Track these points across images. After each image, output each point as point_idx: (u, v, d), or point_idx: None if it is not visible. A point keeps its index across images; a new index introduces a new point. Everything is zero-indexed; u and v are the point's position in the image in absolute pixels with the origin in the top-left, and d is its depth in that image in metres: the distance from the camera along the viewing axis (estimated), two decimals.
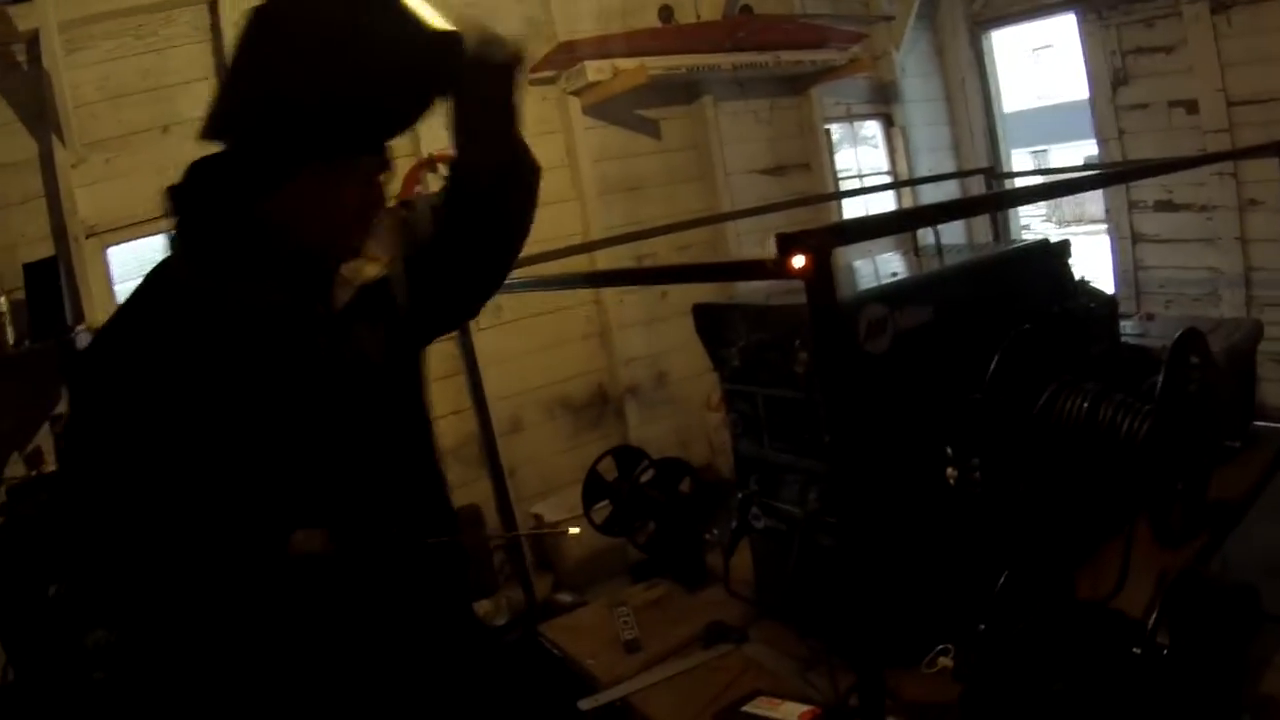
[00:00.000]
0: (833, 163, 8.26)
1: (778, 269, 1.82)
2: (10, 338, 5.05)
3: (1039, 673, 2.57)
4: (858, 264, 3.79)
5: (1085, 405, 2.55)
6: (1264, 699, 3.70)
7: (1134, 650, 2.43)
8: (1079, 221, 16.70)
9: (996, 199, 6.64)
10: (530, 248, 2.50)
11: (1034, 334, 2.73)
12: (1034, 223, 14.43)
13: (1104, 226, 7.81)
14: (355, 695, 2.26)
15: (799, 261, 1.77)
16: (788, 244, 1.78)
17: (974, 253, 4.14)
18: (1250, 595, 3.07)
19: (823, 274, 1.79)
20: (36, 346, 5.03)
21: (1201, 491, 2.98)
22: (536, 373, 6.62)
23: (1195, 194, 7.09)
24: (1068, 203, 17.62)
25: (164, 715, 2.18)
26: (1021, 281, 3.50)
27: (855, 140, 8.89)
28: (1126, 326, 4.23)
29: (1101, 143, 7.46)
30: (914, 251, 3.81)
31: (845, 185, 8.35)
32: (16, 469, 5.55)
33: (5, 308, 5.05)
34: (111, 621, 1.98)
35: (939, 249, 3.71)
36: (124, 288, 5.75)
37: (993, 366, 2.55)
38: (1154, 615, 2.41)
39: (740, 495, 3.49)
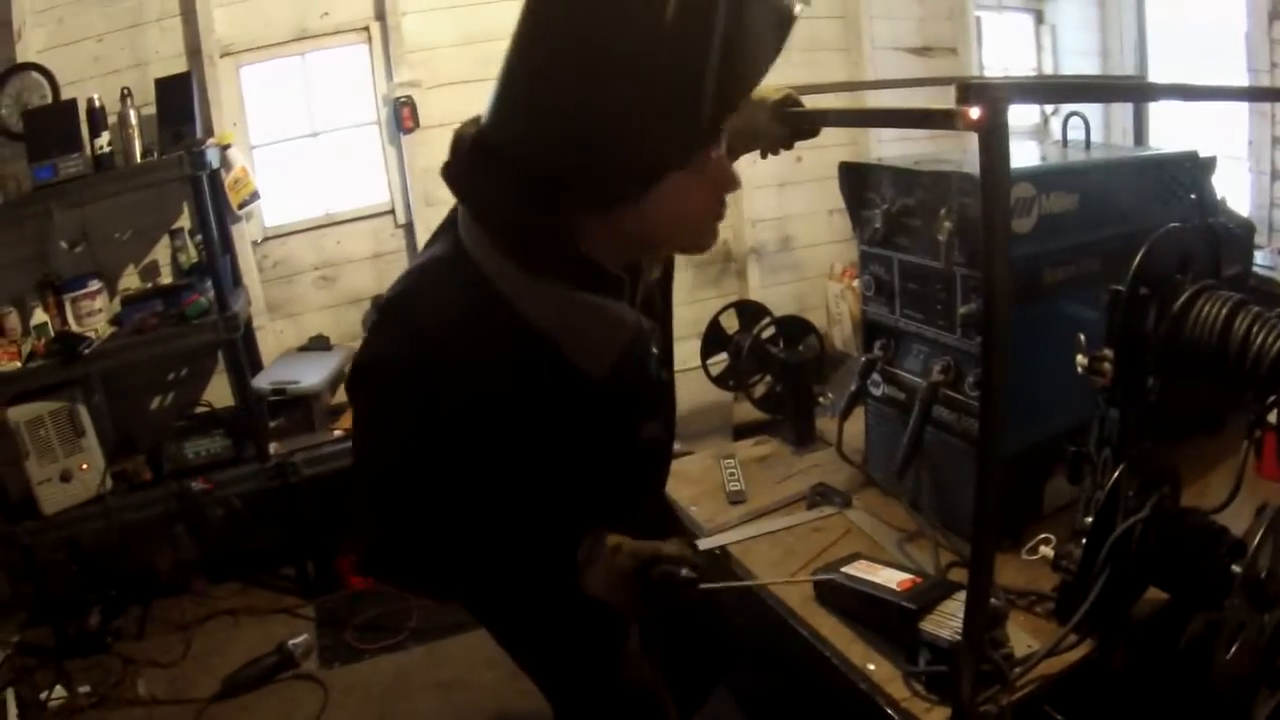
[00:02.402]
0: (980, 52, 8.14)
1: (952, 119, 1.78)
2: (138, 150, 5.13)
3: (1138, 572, 2.57)
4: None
5: (1223, 312, 2.52)
6: None
7: (1234, 569, 2.42)
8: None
9: (1179, 89, 6.50)
10: None
11: (1182, 234, 2.69)
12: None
13: (1244, 160, 7.62)
14: None
15: (975, 113, 1.74)
16: (967, 94, 1.75)
17: (1122, 151, 4.08)
18: None
19: (999, 127, 1.76)
20: (164, 158, 5.10)
21: None
22: None
23: None
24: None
25: None
26: (1166, 187, 3.45)
27: (1003, 33, 8.75)
28: (1258, 257, 4.16)
29: (1252, 73, 7.26)
30: (1062, 141, 3.76)
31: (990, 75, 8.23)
32: (131, 280, 5.67)
33: (135, 121, 5.14)
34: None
35: (1088, 142, 3.66)
36: (255, 106, 5.91)
37: (1139, 258, 2.52)
38: (1258, 537, 2.39)
39: (863, 359, 3.49)
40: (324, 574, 5.64)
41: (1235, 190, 6.78)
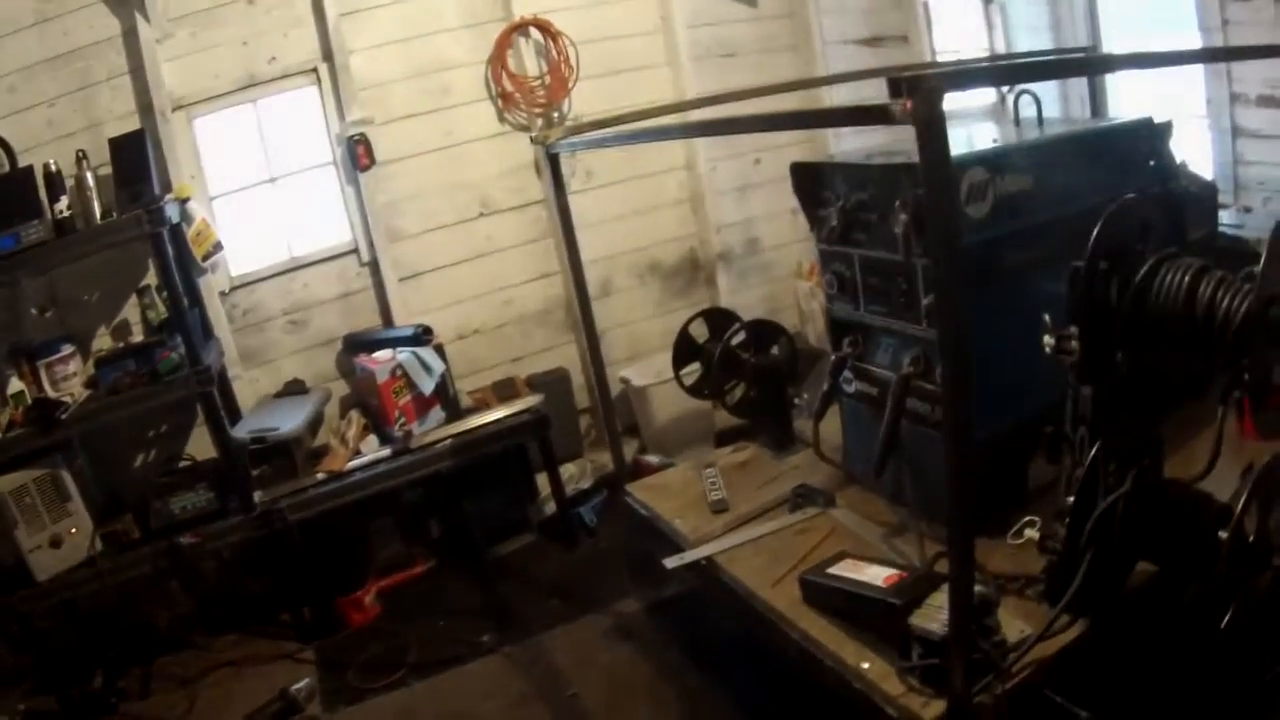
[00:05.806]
0: (931, 37, 8.13)
1: (886, 115, 1.79)
2: (98, 212, 5.10)
3: (1125, 547, 2.56)
4: (956, 130, 3.76)
5: (1186, 280, 2.52)
6: None
7: (1220, 534, 2.42)
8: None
9: (1114, 60, 6.49)
10: (622, 110, 2.46)
11: (1138, 204, 2.69)
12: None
13: (1205, 119, 7.60)
14: None
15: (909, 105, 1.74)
16: (899, 87, 1.75)
17: (1075, 125, 4.08)
18: None
19: (934, 119, 1.76)
20: (124, 218, 5.06)
21: None
22: (627, 237, 6.58)
23: None
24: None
25: None
26: (1123, 157, 3.46)
27: (954, 15, 8.74)
28: (1224, 216, 4.17)
29: (1205, 31, 7.25)
30: (1014, 121, 3.76)
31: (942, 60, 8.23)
32: (103, 340, 5.66)
33: (92, 183, 5.11)
34: None
35: (1039, 119, 3.66)
36: (211, 157, 5.94)
37: (1095, 233, 2.52)
38: (1241, 501, 2.38)
39: (833, 358, 3.49)
40: (321, 616, 5.61)
41: (1199, 150, 6.75)
